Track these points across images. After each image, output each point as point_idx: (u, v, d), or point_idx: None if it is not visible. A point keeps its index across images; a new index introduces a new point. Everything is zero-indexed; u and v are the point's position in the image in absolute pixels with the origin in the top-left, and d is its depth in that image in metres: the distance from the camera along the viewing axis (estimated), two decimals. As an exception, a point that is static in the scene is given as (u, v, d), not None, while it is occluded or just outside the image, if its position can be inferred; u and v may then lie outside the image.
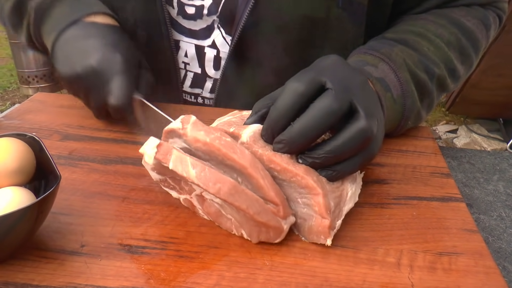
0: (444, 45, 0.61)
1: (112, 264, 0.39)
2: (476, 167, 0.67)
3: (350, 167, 0.43)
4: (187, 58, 0.71)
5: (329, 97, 0.40)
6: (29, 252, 0.39)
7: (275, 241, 0.41)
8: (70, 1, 0.61)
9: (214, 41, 0.68)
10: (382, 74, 0.56)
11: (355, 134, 0.40)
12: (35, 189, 0.42)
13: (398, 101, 0.56)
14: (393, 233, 0.45)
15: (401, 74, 0.56)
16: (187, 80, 0.72)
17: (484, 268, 0.41)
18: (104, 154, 0.55)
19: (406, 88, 0.56)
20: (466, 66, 0.65)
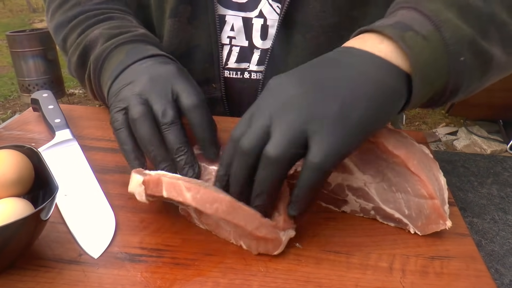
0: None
1: (110, 272, 0.40)
2: (470, 170, 0.68)
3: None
4: (233, 32, 0.70)
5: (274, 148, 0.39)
6: (28, 261, 0.40)
7: (274, 253, 0.42)
8: (127, 49, 0.58)
9: (261, 10, 0.68)
10: (399, 18, 0.45)
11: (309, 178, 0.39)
12: (33, 199, 0.43)
13: (430, 36, 0.43)
14: (385, 238, 0.46)
15: (424, 7, 0.45)
16: (232, 56, 0.72)
17: (475, 272, 0.42)
18: (102, 164, 0.56)
19: (437, 18, 0.44)
20: None
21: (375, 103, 0.41)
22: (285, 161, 0.39)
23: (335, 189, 0.48)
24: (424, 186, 0.44)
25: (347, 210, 0.49)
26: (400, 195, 0.45)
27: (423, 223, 0.45)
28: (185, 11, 0.68)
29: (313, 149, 0.38)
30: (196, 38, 0.70)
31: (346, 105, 0.39)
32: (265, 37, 0.70)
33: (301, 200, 0.41)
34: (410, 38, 0.43)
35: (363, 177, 0.46)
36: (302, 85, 0.41)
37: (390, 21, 0.45)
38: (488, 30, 0.47)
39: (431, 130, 2.83)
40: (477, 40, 0.46)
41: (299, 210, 0.41)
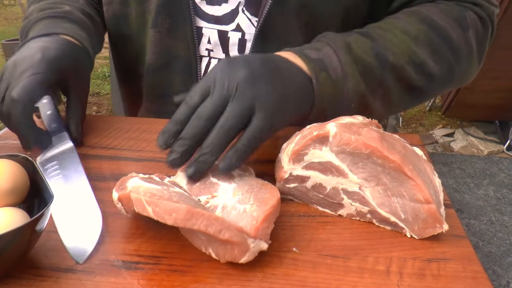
0: (411, 40, 0.62)
1: (106, 280, 0.40)
2: (466, 172, 0.68)
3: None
4: (210, 45, 0.71)
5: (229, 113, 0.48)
6: (24, 270, 0.40)
7: (240, 261, 0.41)
8: (44, 24, 0.65)
9: (238, 24, 0.69)
10: (323, 55, 0.57)
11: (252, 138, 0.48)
12: (29, 208, 0.43)
13: (338, 82, 0.57)
14: (383, 241, 0.46)
15: (342, 56, 0.58)
16: (210, 67, 0.73)
17: (472, 273, 0.42)
18: (98, 171, 0.56)
19: (346, 70, 0.57)
20: (443, 66, 0.64)
21: (298, 98, 0.54)
22: (235, 130, 0.48)
23: (331, 193, 0.48)
24: (420, 191, 0.44)
25: (343, 213, 0.49)
26: (395, 200, 0.45)
27: (420, 227, 0.45)
28: (164, 22, 0.70)
29: (254, 120, 0.48)
30: (176, 50, 0.71)
31: (281, 97, 0.51)
32: (243, 51, 0.71)
33: (233, 156, 0.47)
34: (323, 77, 0.56)
35: (358, 181, 0.47)
36: (255, 71, 0.50)
37: (315, 55, 0.57)
38: (375, 90, 0.60)
39: (428, 132, 2.83)
40: (367, 95, 0.60)
41: (225, 164, 0.47)
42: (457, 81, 0.68)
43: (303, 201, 0.51)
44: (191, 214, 0.39)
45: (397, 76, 0.61)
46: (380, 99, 0.61)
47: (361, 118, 0.51)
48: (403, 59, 0.61)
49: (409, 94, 0.64)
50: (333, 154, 0.47)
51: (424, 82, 0.63)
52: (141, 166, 0.57)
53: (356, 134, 0.45)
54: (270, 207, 0.43)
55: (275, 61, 0.55)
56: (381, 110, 0.63)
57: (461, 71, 0.66)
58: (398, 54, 0.60)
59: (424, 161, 0.48)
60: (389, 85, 0.61)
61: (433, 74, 0.63)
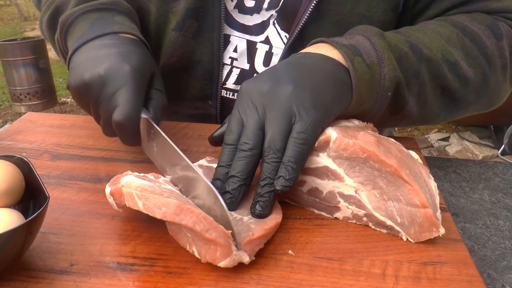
0: (443, 40, 0.59)
1: (102, 282, 0.40)
2: (462, 176, 0.68)
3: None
4: (235, 54, 0.71)
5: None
6: (19, 272, 0.40)
7: (220, 264, 0.40)
8: (93, 18, 0.58)
9: (268, 37, 0.69)
10: (355, 42, 0.55)
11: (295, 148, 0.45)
12: (24, 209, 0.43)
13: (373, 67, 0.53)
14: (378, 244, 0.46)
15: (376, 41, 0.55)
16: (231, 77, 0.72)
17: (468, 277, 0.42)
18: (93, 173, 0.55)
19: (382, 55, 0.54)
20: (477, 71, 0.60)
21: (335, 91, 0.50)
22: (282, 148, 0.45)
23: (327, 196, 0.48)
24: (416, 195, 0.44)
25: (339, 216, 0.49)
26: (392, 203, 0.46)
27: (416, 231, 0.45)
28: (191, 26, 0.68)
29: (296, 125, 0.46)
30: (199, 54, 0.70)
31: (315, 93, 0.48)
32: (268, 64, 0.70)
33: (290, 171, 0.44)
34: (357, 62, 0.52)
35: (354, 185, 0.47)
36: (276, 84, 0.48)
37: (346, 42, 0.54)
38: (411, 82, 0.57)
39: (423, 136, 2.84)
40: (403, 85, 0.56)
41: (289, 181, 0.44)
42: (490, 94, 0.64)
43: (299, 204, 0.51)
44: (180, 210, 0.39)
45: (432, 72, 0.58)
46: (415, 95, 0.58)
47: (357, 122, 0.51)
48: (437, 55, 0.58)
49: (442, 95, 0.61)
50: (330, 159, 0.47)
51: (458, 85, 0.60)
52: (137, 167, 0.57)
53: (353, 138, 0.45)
54: (270, 228, 0.44)
55: (299, 61, 0.52)
56: (415, 109, 0.59)
57: (494, 82, 0.63)
58: (432, 49, 0.58)
59: (420, 165, 0.48)
60: (424, 80, 0.58)
61: (467, 78, 0.60)
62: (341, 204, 0.48)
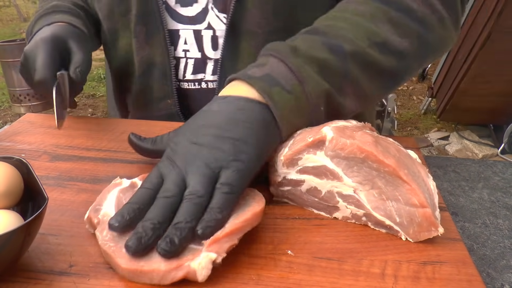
0: (366, 20, 0.57)
1: (101, 283, 0.39)
2: (461, 175, 0.68)
3: None
4: (186, 45, 0.73)
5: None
6: (18, 274, 0.40)
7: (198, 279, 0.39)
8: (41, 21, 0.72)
9: (209, 22, 0.71)
10: (268, 69, 0.52)
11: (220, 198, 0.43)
12: (23, 211, 0.43)
13: (295, 91, 0.51)
14: (377, 244, 0.46)
15: (290, 62, 0.52)
16: (188, 68, 0.75)
17: (467, 276, 0.42)
18: (93, 174, 0.55)
19: (300, 75, 0.52)
20: (411, 39, 0.59)
21: (260, 135, 0.48)
22: (204, 196, 0.43)
23: (326, 196, 0.48)
24: (415, 195, 0.44)
25: (338, 216, 0.49)
26: (390, 203, 0.46)
27: (415, 230, 0.45)
28: (141, 31, 0.73)
29: (221, 177, 0.44)
30: (153, 56, 0.74)
31: (238, 144, 0.46)
32: (216, 48, 0.72)
33: (214, 216, 0.41)
34: (276, 93, 0.50)
35: (352, 185, 0.47)
36: (195, 140, 0.48)
37: (260, 72, 0.52)
38: (342, 85, 0.55)
39: (423, 135, 2.85)
40: (333, 93, 0.54)
41: (212, 226, 0.41)
42: (434, 50, 0.63)
43: (298, 204, 0.51)
44: (133, 273, 0.39)
45: (361, 64, 0.56)
46: (351, 94, 0.56)
47: (355, 122, 0.51)
48: (362, 43, 0.56)
49: (381, 79, 0.59)
50: (328, 158, 0.47)
51: (395, 62, 0.58)
52: (136, 168, 0.57)
53: (350, 138, 0.45)
54: (242, 221, 0.42)
55: (219, 110, 0.50)
56: (356, 106, 0.58)
57: (436, 39, 0.62)
58: (355, 40, 0.55)
59: (419, 164, 0.48)
60: (355, 77, 0.56)
61: (402, 50, 0.58)
62: (340, 204, 0.48)
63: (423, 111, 3.10)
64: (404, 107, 3.24)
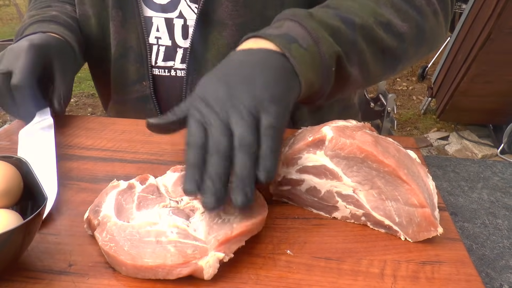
0: (372, 2, 0.61)
1: (100, 282, 0.40)
2: (460, 175, 0.68)
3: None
4: (158, 33, 0.75)
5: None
6: (17, 273, 0.40)
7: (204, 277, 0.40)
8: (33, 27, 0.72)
9: (181, 11, 0.73)
10: (286, 29, 0.55)
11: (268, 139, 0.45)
12: (22, 210, 0.43)
13: (310, 49, 0.54)
14: (377, 243, 0.46)
15: (307, 24, 0.55)
16: (159, 55, 0.76)
17: (466, 276, 0.42)
18: (92, 173, 0.55)
19: (316, 35, 0.55)
20: (410, 24, 0.63)
21: (285, 82, 0.51)
22: (254, 142, 0.44)
23: (325, 196, 0.48)
24: (414, 195, 0.44)
25: (337, 216, 0.49)
26: (390, 203, 0.46)
27: (414, 230, 0.45)
28: (117, 15, 0.75)
29: (263, 121, 0.45)
30: (129, 40, 0.76)
31: (269, 87, 0.48)
32: (186, 37, 0.74)
33: (267, 161, 0.43)
34: (295, 49, 0.53)
35: (352, 185, 0.47)
36: (229, 86, 0.48)
37: (278, 31, 0.55)
38: (350, 53, 0.58)
39: (422, 135, 2.85)
40: (343, 58, 0.57)
41: (271, 172, 0.42)
42: (427, 40, 0.68)
43: (298, 203, 0.51)
44: (138, 269, 0.39)
45: (368, 38, 0.60)
46: (356, 64, 0.60)
47: (355, 122, 0.52)
48: (370, 20, 0.60)
49: (383, 57, 0.63)
50: (327, 158, 0.47)
51: (396, 43, 0.62)
52: (135, 167, 0.57)
53: (350, 138, 0.45)
54: (252, 224, 0.43)
55: (242, 58, 0.53)
56: (360, 77, 0.62)
57: (429, 29, 0.66)
58: (363, 16, 0.59)
59: (418, 164, 0.48)
60: (362, 48, 0.60)
61: (402, 33, 0.62)
62: (339, 203, 0.48)
63: (422, 111, 3.10)
64: (403, 107, 3.24)
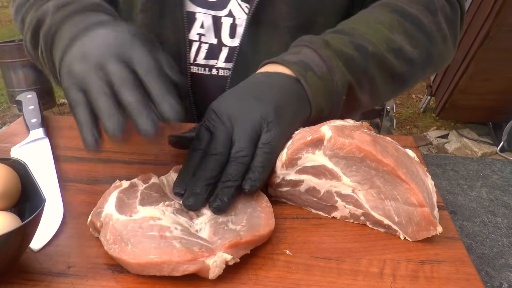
0: (385, 28, 0.63)
1: (99, 284, 0.39)
2: (460, 174, 0.68)
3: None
4: (202, 29, 0.71)
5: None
6: (15, 275, 0.40)
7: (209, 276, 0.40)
8: (76, 21, 0.53)
9: (230, 10, 0.70)
10: (303, 57, 0.58)
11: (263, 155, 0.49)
12: (20, 212, 0.43)
13: (324, 77, 0.57)
14: (376, 243, 0.46)
15: (322, 52, 0.59)
16: (201, 52, 0.73)
17: (465, 275, 0.42)
18: (91, 175, 0.55)
19: (330, 64, 0.58)
20: (420, 50, 0.66)
21: (295, 106, 0.55)
22: (248, 156, 0.49)
23: (324, 196, 0.48)
24: (413, 194, 0.44)
25: (337, 216, 0.49)
26: (389, 203, 0.45)
27: (414, 229, 0.45)
28: (153, 6, 0.70)
29: (263, 137, 0.50)
30: (165, 34, 0.71)
31: (278, 108, 0.52)
32: (234, 36, 0.72)
33: (257, 174, 0.48)
34: (310, 76, 0.57)
35: (351, 184, 0.47)
36: (242, 101, 0.53)
37: (295, 58, 0.58)
38: (361, 81, 0.61)
39: (422, 133, 2.85)
40: (354, 86, 0.60)
41: (256, 182, 0.47)
42: (435, 64, 0.71)
43: (297, 203, 0.51)
44: (143, 266, 0.39)
45: (379, 65, 0.62)
46: (367, 90, 0.63)
47: (352, 121, 0.51)
48: (382, 47, 0.62)
49: (392, 82, 0.66)
50: (326, 157, 0.47)
51: (406, 68, 0.65)
52: (134, 168, 0.57)
53: (349, 137, 0.45)
54: (260, 236, 0.43)
55: (259, 80, 0.57)
56: (369, 102, 0.65)
57: (438, 54, 0.69)
58: (376, 43, 0.62)
59: (417, 163, 0.48)
60: (373, 75, 0.62)
61: (412, 59, 0.65)
62: (338, 203, 0.48)
63: (422, 110, 3.10)
64: (403, 105, 3.24)
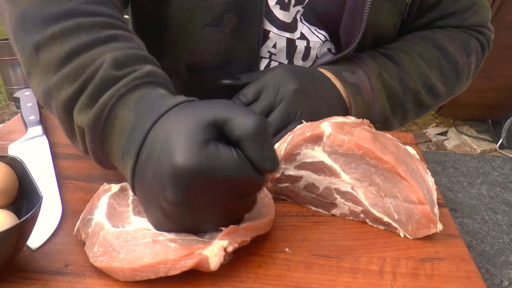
0: (425, 65, 0.71)
1: (96, 282, 0.39)
2: (460, 171, 0.68)
3: None
4: (274, 49, 0.70)
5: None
6: (12, 274, 0.39)
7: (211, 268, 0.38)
8: (133, 104, 0.42)
9: (301, 32, 0.69)
10: (357, 80, 0.66)
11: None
12: (17, 210, 0.42)
13: (368, 104, 0.66)
14: (376, 241, 0.46)
15: (373, 81, 0.66)
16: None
17: (466, 273, 0.42)
18: (88, 172, 0.55)
19: (376, 95, 0.66)
20: (448, 86, 0.74)
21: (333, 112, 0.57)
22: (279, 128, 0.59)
23: (323, 192, 0.48)
24: (413, 192, 0.43)
25: (336, 213, 0.49)
26: (388, 200, 0.45)
27: (414, 227, 0.45)
28: (230, 22, 0.66)
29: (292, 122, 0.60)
30: (236, 51, 0.68)
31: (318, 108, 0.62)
32: (307, 58, 0.71)
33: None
34: (358, 101, 0.65)
35: (350, 181, 0.46)
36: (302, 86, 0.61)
37: (351, 79, 0.66)
38: (396, 111, 0.70)
39: (421, 130, 2.84)
40: (390, 116, 0.69)
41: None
42: (454, 95, 0.80)
43: (296, 201, 0.51)
44: (136, 271, 0.38)
45: (414, 99, 0.71)
46: (398, 118, 0.71)
47: (353, 118, 0.51)
48: (419, 82, 0.70)
49: (419, 111, 0.75)
50: (325, 154, 0.46)
51: (432, 102, 0.74)
52: (133, 166, 0.56)
53: (349, 134, 0.45)
54: (259, 223, 0.43)
55: (321, 79, 0.64)
56: (396, 126, 0.73)
57: (459, 88, 0.79)
58: (415, 78, 0.70)
59: (417, 160, 0.48)
60: (407, 107, 0.71)
61: (440, 94, 0.74)
62: (338, 200, 0.48)
63: (421, 107, 3.09)
64: (402, 103, 3.23)
